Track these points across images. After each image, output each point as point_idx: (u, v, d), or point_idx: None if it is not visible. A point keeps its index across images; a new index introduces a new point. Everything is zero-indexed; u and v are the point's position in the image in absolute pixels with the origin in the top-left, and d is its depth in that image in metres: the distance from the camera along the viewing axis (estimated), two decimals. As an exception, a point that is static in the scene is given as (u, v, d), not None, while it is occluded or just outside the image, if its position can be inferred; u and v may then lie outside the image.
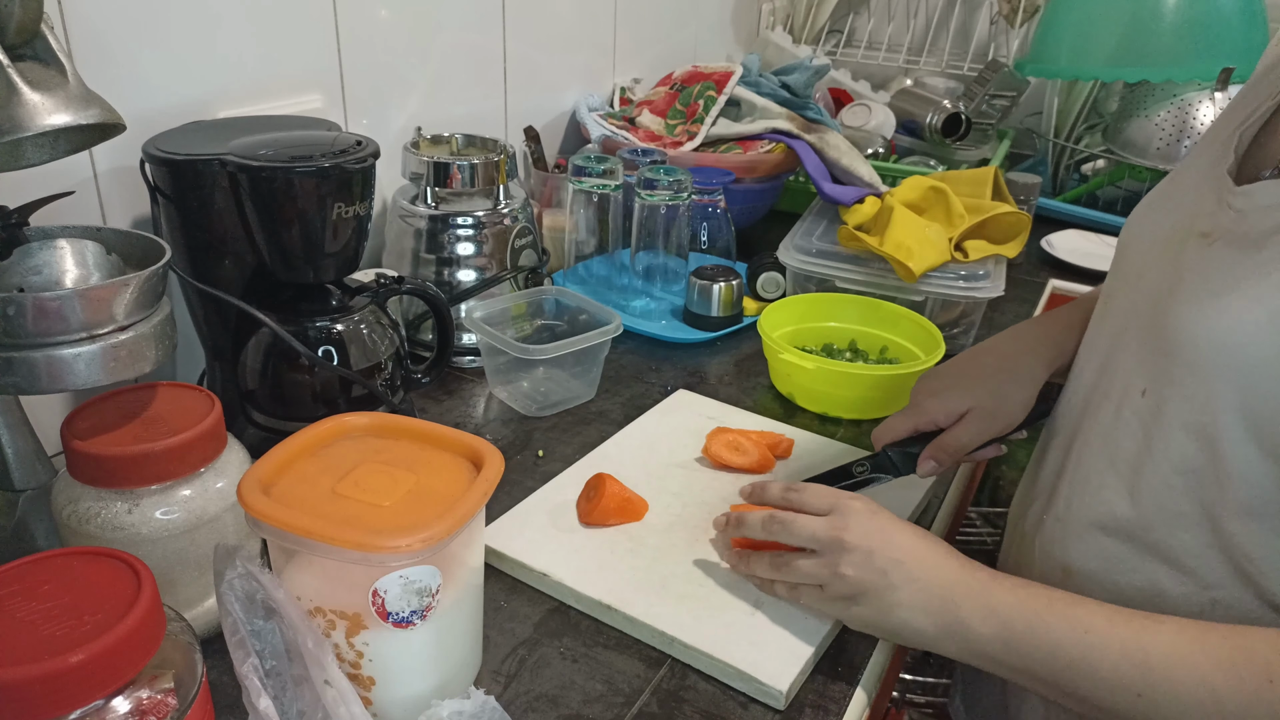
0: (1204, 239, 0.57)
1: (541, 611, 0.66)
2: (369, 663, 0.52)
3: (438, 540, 0.49)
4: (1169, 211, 0.63)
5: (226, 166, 0.70)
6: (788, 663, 0.60)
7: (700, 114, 1.33)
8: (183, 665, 0.43)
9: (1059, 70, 1.49)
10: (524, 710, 0.57)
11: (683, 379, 0.98)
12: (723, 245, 1.21)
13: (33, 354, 0.53)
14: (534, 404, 0.91)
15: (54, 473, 0.64)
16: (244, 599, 0.50)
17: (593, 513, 0.71)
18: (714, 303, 1.05)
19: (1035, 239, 1.35)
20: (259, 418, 0.78)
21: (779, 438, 0.83)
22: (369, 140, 0.75)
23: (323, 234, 0.73)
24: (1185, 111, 1.40)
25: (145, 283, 0.56)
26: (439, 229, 0.95)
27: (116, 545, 0.52)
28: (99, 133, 0.58)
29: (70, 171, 0.74)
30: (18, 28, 0.52)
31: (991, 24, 1.83)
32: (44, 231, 0.61)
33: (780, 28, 1.88)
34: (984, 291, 1.01)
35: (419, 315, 0.97)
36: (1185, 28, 1.36)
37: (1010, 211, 1.11)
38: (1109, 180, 1.52)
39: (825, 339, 1.01)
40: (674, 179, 1.07)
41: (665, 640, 0.62)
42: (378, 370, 0.79)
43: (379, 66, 1.04)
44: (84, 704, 0.39)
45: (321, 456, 0.56)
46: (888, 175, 1.32)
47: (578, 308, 0.95)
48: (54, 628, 0.40)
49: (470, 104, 1.20)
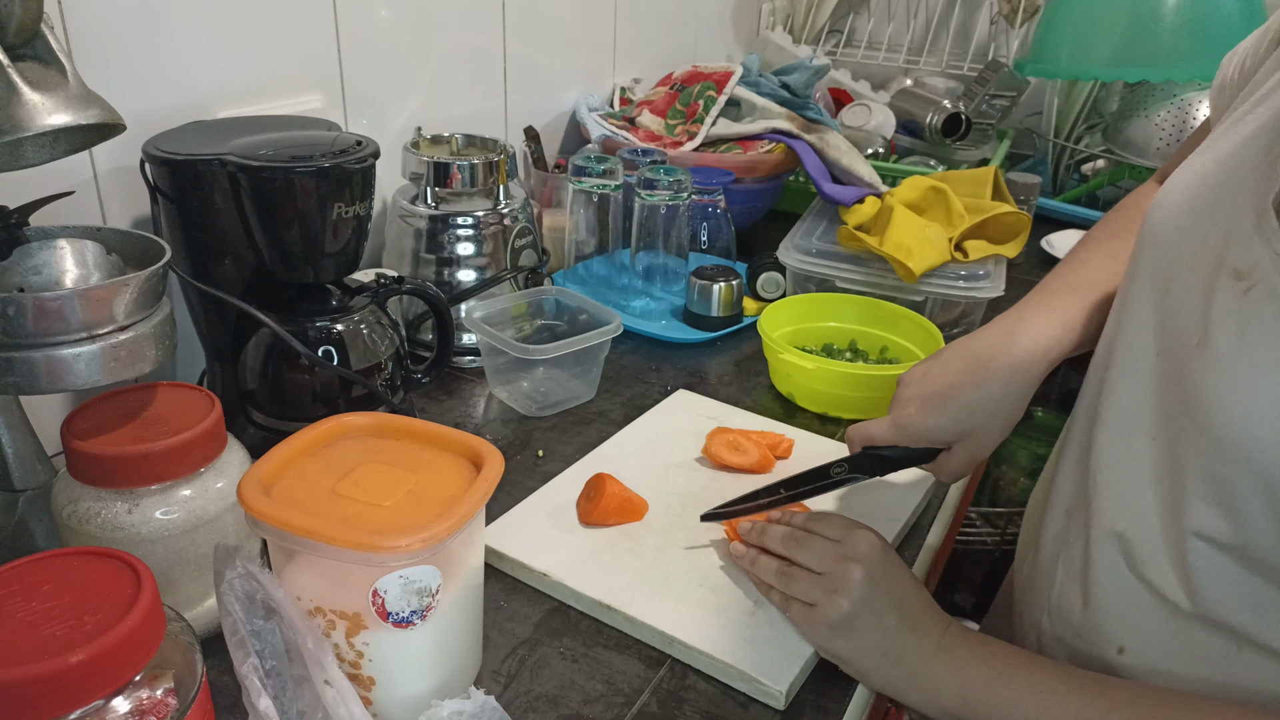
0: (1238, 280, 0.49)
1: (541, 611, 0.66)
2: (369, 663, 0.52)
3: (438, 540, 0.49)
4: (1200, 219, 0.55)
5: (226, 166, 0.70)
6: (788, 663, 0.60)
7: (700, 114, 1.33)
8: (183, 665, 0.43)
9: (1059, 70, 1.49)
10: (524, 710, 0.57)
11: (683, 379, 0.98)
12: (723, 245, 1.21)
13: (33, 354, 0.53)
14: (534, 404, 0.91)
15: (54, 473, 0.64)
16: (244, 599, 0.50)
17: (593, 513, 0.71)
18: (714, 303, 1.05)
19: (1035, 239, 1.34)
20: (259, 418, 0.78)
21: (779, 438, 0.83)
22: (369, 140, 0.75)
23: (323, 234, 0.73)
24: (1185, 111, 1.40)
25: (145, 283, 0.56)
26: (439, 229, 0.95)
27: (116, 545, 0.52)
28: (99, 133, 0.58)
29: (70, 171, 0.74)
30: (18, 28, 0.52)
31: (991, 24, 1.83)
32: (44, 231, 0.61)
33: (780, 28, 1.88)
34: (984, 291, 1.01)
35: (419, 315, 0.97)
36: (1185, 28, 1.35)
37: (1010, 211, 1.11)
38: (1109, 180, 1.52)
39: (825, 339, 1.01)
40: (674, 179, 1.07)
41: (665, 640, 0.62)
42: (378, 370, 0.79)
43: (379, 66, 1.04)
44: (84, 704, 0.39)
45: (321, 456, 0.56)
46: (888, 175, 1.32)
47: (578, 308, 0.95)
48: (54, 628, 0.40)
49: (470, 104, 1.20)
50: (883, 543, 0.61)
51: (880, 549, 0.61)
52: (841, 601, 0.58)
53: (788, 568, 0.63)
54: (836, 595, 0.58)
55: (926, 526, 0.77)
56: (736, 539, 0.68)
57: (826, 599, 0.59)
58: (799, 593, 0.61)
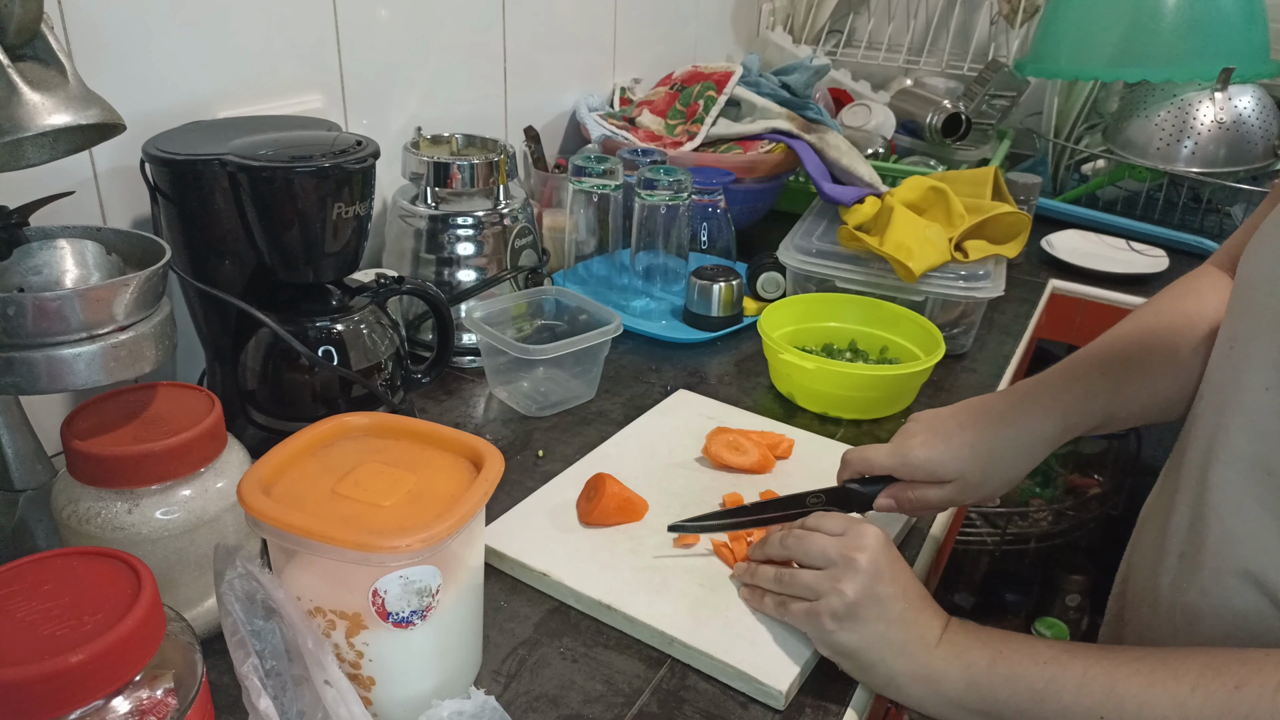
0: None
1: (541, 611, 0.66)
2: (369, 663, 0.52)
3: (438, 540, 0.49)
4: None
5: (226, 166, 0.70)
6: (788, 663, 0.60)
7: (700, 114, 1.33)
8: (183, 665, 0.43)
9: (1059, 70, 1.49)
10: (524, 710, 0.57)
11: (683, 379, 0.98)
12: (723, 245, 1.21)
13: (33, 354, 0.53)
14: (534, 404, 0.91)
15: (54, 473, 0.64)
16: (244, 599, 0.50)
17: (593, 513, 0.71)
18: (714, 303, 1.05)
19: (1035, 239, 1.35)
20: (259, 418, 0.78)
21: (779, 438, 0.83)
22: (369, 140, 0.75)
23: (323, 234, 0.73)
24: (1185, 111, 1.40)
25: (145, 283, 0.56)
26: (439, 229, 0.95)
27: (116, 545, 0.52)
28: (99, 133, 0.58)
29: (70, 171, 0.74)
30: (18, 28, 0.52)
31: (991, 24, 1.83)
32: (44, 231, 0.61)
33: (780, 28, 1.88)
34: (984, 291, 1.01)
35: (419, 315, 0.97)
36: (1185, 28, 1.35)
37: (1010, 211, 1.11)
38: (1109, 180, 1.52)
39: (825, 339, 1.01)
40: (674, 179, 1.07)
41: (665, 640, 0.62)
42: (378, 370, 0.79)
43: (379, 66, 1.04)
44: (84, 704, 0.39)
45: (321, 456, 0.56)
46: (888, 175, 1.32)
47: (578, 308, 0.95)
48: (54, 628, 0.40)
49: (470, 104, 1.20)
50: (886, 537, 0.61)
51: (885, 542, 0.61)
52: (846, 590, 0.58)
53: (785, 569, 0.63)
54: (841, 584, 0.58)
55: (927, 526, 0.77)
56: (731, 561, 0.68)
57: (831, 589, 0.59)
58: (800, 591, 0.61)
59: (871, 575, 0.58)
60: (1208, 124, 1.38)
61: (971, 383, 1.01)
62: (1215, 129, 1.38)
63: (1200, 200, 1.45)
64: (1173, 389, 0.68)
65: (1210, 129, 1.38)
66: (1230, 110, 1.38)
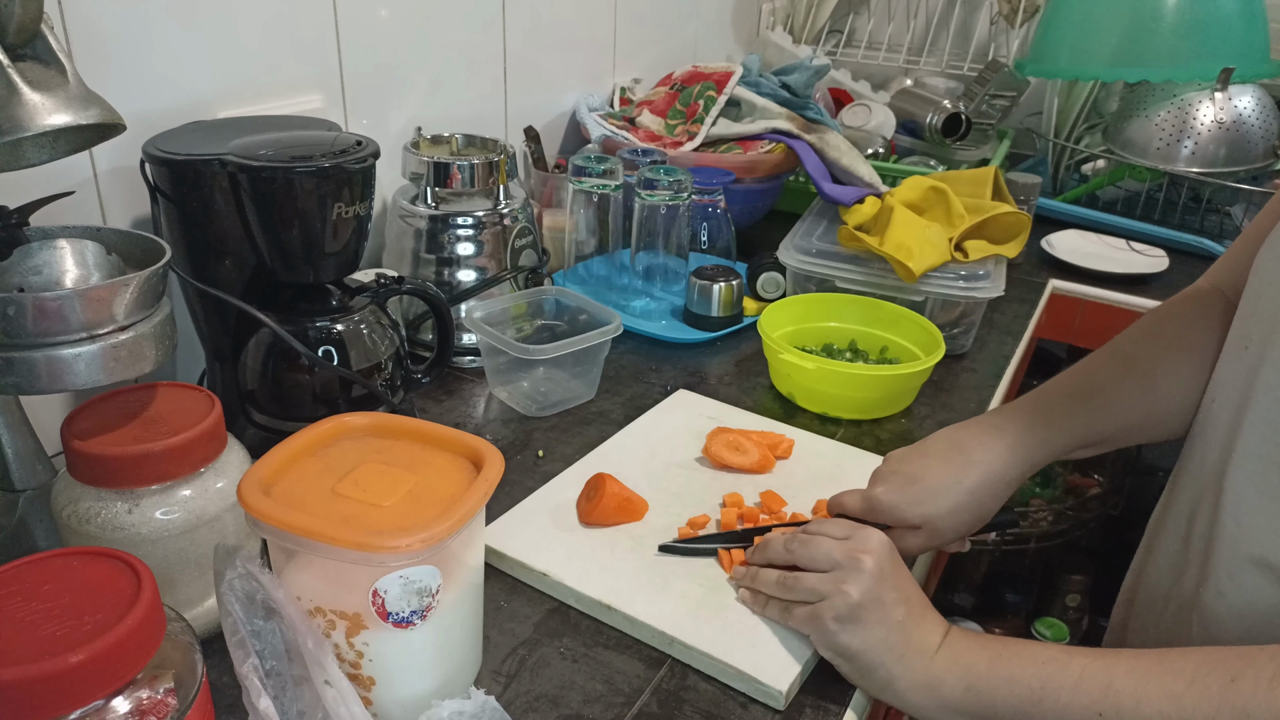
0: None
1: (541, 611, 0.66)
2: (369, 663, 0.52)
3: (438, 540, 0.49)
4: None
5: (226, 166, 0.70)
6: (788, 663, 0.60)
7: (700, 114, 1.33)
8: (183, 665, 0.43)
9: (1059, 70, 1.49)
10: (524, 710, 0.57)
11: (683, 379, 0.98)
12: (723, 245, 1.21)
13: (33, 354, 0.53)
14: (534, 404, 0.91)
15: (54, 473, 0.64)
16: (244, 599, 0.50)
17: (593, 513, 0.71)
18: (714, 303, 1.05)
19: (1035, 239, 1.35)
20: (259, 418, 0.78)
21: (779, 438, 0.83)
22: (369, 140, 0.75)
23: (323, 234, 0.73)
24: (1185, 111, 1.40)
25: (145, 283, 0.56)
26: (439, 229, 0.95)
27: (116, 545, 0.52)
28: (99, 133, 0.58)
29: (70, 171, 0.74)
30: (18, 28, 0.52)
31: (991, 24, 1.83)
32: (44, 231, 0.61)
33: (780, 28, 1.88)
34: (984, 292, 1.01)
35: (419, 315, 0.97)
36: (1185, 28, 1.35)
37: (1010, 211, 1.11)
38: (1109, 180, 1.52)
39: (825, 339, 1.01)
40: (674, 179, 1.07)
41: (665, 640, 0.62)
42: (378, 370, 0.79)
43: (379, 66, 1.04)
44: (84, 704, 0.39)
45: (321, 456, 0.56)
46: (888, 175, 1.32)
47: (578, 308, 0.95)
48: (54, 628, 0.40)
49: (470, 104, 1.20)
50: (890, 542, 0.61)
51: (889, 546, 0.61)
52: (851, 591, 0.58)
53: (789, 573, 0.62)
54: (846, 586, 0.58)
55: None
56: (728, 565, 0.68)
57: (835, 591, 0.58)
58: (803, 594, 0.60)
59: (876, 578, 0.58)
60: (1208, 124, 1.38)
61: (971, 383, 1.01)
62: (1215, 129, 1.38)
63: (1200, 200, 1.45)
64: (1149, 417, 0.69)
65: (1210, 129, 1.38)
66: (1230, 110, 1.38)
